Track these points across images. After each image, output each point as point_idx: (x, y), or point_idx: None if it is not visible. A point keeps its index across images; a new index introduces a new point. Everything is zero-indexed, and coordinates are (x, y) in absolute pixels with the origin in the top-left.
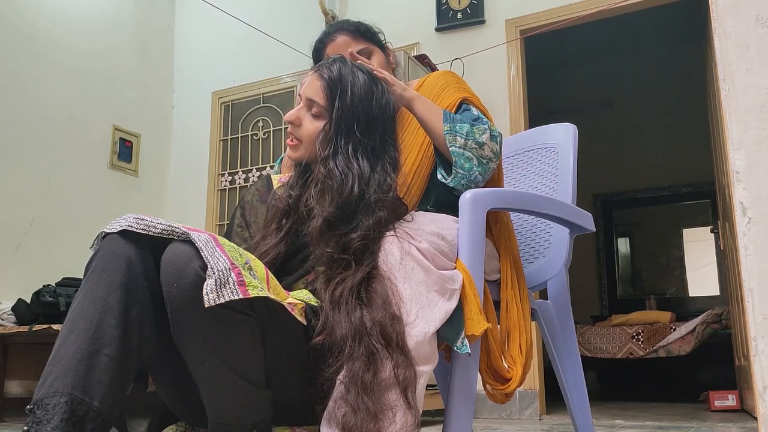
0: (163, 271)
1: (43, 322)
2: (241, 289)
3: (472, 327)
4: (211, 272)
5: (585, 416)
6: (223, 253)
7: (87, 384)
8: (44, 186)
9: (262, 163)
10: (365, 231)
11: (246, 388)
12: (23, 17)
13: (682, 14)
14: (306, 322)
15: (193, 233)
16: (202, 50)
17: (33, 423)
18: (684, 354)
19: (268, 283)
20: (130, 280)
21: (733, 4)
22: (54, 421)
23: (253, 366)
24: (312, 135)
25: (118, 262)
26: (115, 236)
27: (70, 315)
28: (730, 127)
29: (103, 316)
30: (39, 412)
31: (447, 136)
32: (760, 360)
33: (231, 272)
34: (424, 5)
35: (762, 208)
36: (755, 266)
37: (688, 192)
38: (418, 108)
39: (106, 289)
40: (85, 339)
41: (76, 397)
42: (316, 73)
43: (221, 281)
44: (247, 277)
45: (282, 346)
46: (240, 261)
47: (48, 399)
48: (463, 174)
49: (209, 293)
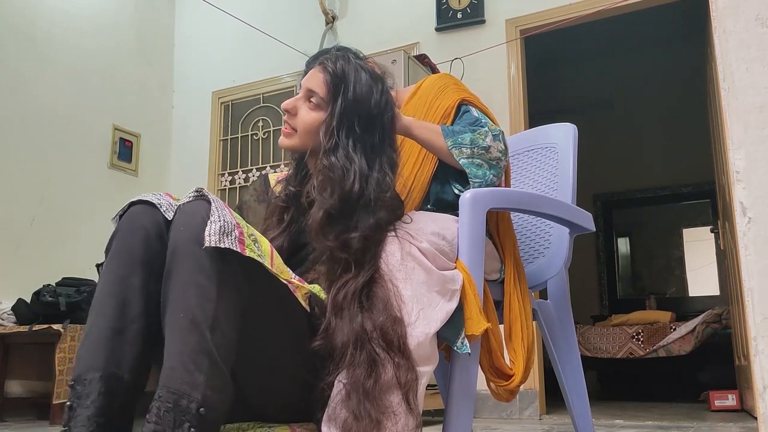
0: (174, 222)
1: (43, 322)
2: (240, 246)
3: (472, 327)
4: (217, 219)
5: (585, 416)
6: (231, 215)
7: (118, 359)
8: (44, 186)
9: (262, 163)
10: (365, 232)
11: (212, 357)
12: (23, 17)
13: (682, 14)
14: (309, 309)
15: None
16: (202, 50)
17: (74, 397)
18: (684, 354)
19: (272, 260)
20: (150, 258)
21: (733, 4)
22: (93, 395)
23: (228, 336)
24: (307, 124)
25: (137, 242)
26: (134, 214)
27: (97, 293)
28: (730, 127)
29: (126, 295)
30: (79, 387)
31: (453, 151)
32: (760, 360)
33: (235, 228)
34: (424, 5)
35: (762, 208)
36: (755, 266)
37: (688, 192)
38: (416, 132)
39: (128, 268)
40: (113, 316)
41: (110, 371)
42: (319, 66)
43: (225, 230)
44: (248, 241)
45: (281, 325)
46: (246, 230)
47: (85, 374)
48: (480, 181)
49: (212, 235)
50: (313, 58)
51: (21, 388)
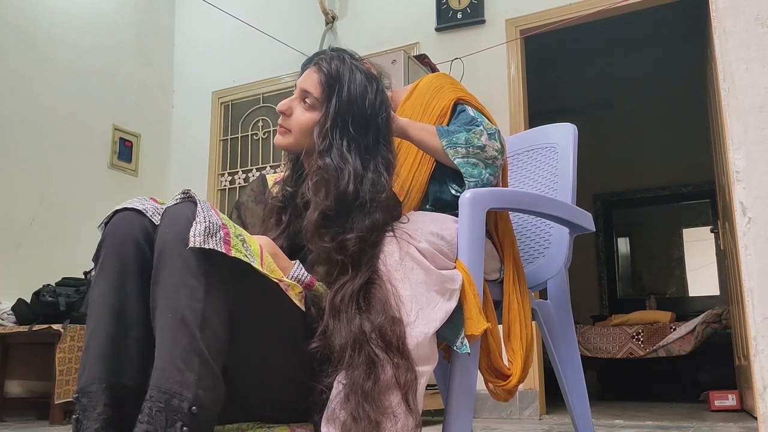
0: (161, 224)
1: (43, 322)
2: (225, 246)
3: (472, 327)
4: (202, 220)
5: (585, 416)
6: (217, 216)
7: (120, 368)
8: (44, 186)
9: (262, 163)
10: (361, 233)
11: (203, 357)
12: (23, 17)
13: (682, 14)
14: (305, 309)
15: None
16: (202, 50)
17: (81, 410)
18: (684, 354)
19: (262, 260)
20: (142, 265)
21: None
22: (99, 407)
23: (218, 335)
24: (302, 125)
25: (128, 249)
26: (120, 221)
27: (92, 303)
28: (730, 127)
29: (123, 303)
30: (84, 400)
31: (448, 151)
32: (760, 360)
33: (220, 229)
34: (424, 5)
35: (762, 208)
36: (755, 266)
37: (688, 192)
38: (412, 133)
39: (121, 277)
40: (111, 326)
41: (114, 381)
42: (314, 66)
43: (210, 231)
44: (234, 241)
45: (273, 324)
46: (233, 231)
47: (89, 386)
48: (475, 181)
49: (196, 235)
50: (308, 60)
51: (21, 388)
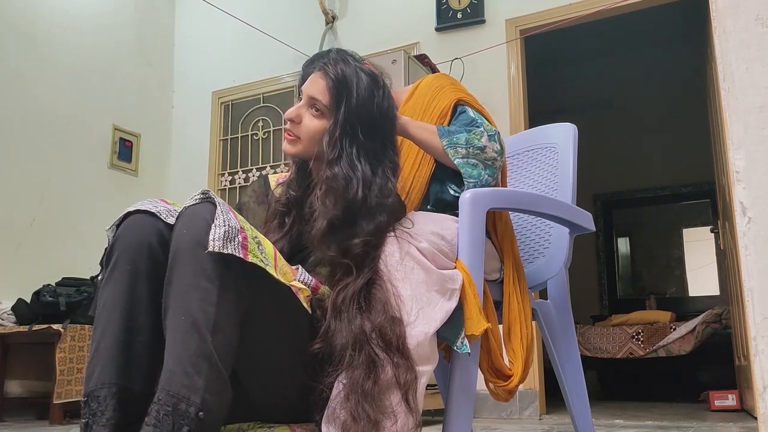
0: (177, 224)
1: (43, 322)
2: (243, 251)
3: (472, 327)
4: (222, 224)
5: (585, 416)
6: (236, 219)
7: (128, 371)
8: (44, 186)
9: (262, 162)
10: (366, 236)
11: (212, 361)
12: (23, 17)
13: (682, 14)
14: (311, 311)
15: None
16: (202, 50)
17: (89, 415)
18: (684, 354)
19: (275, 263)
20: (153, 269)
21: (733, 4)
22: (108, 412)
23: (229, 340)
24: (311, 132)
25: (141, 253)
26: (133, 223)
27: (102, 305)
28: (730, 127)
29: (132, 306)
30: (93, 404)
31: (448, 151)
32: (760, 360)
33: (239, 233)
34: (424, 5)
35: (762, 208)
36: (755, 266)
37: (688, 192)
38: (413, 131)
39: (132, 280)
40: (120, 329)
41: (122, 385)
42: (320, 72)
43: (229, 235)
44: (251, 245)
45: (283, 327)
46: (250, 233)
47: (98, 391)
48: (474, 181)
49: (215, 239)
50: (309, 61)
51: (21, 388)
